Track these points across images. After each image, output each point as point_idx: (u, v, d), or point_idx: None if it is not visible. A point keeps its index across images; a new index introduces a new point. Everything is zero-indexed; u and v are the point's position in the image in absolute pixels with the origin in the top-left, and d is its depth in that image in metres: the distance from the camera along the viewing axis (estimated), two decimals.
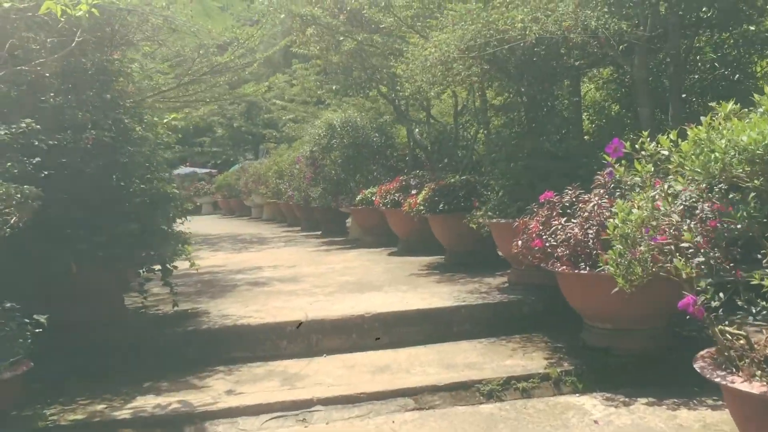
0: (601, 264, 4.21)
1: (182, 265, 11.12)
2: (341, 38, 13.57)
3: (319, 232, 16.43)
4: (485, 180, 8.16)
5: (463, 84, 8.14)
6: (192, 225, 21.47)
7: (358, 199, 12.60)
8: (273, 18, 14.89)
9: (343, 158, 13.83)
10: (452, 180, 9.33)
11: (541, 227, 5.59)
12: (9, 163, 5.28)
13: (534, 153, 6.91)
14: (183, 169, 38.45)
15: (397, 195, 10.91)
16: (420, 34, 9.31)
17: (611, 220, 4.31)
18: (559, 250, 5.35)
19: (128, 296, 7.50)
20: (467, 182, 9.11)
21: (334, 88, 20.07)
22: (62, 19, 5.90)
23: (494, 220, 7.01)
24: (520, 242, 5.68)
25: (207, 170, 38.70)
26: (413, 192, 10.54)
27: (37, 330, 4.72)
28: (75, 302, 5.91)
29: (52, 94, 5.92)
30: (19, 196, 4.14)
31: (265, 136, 33.21)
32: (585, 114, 9.32)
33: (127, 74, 6.67)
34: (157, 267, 6.47)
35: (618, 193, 5.28)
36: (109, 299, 6.24)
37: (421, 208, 9.18)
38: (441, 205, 8.89)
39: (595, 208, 5.21)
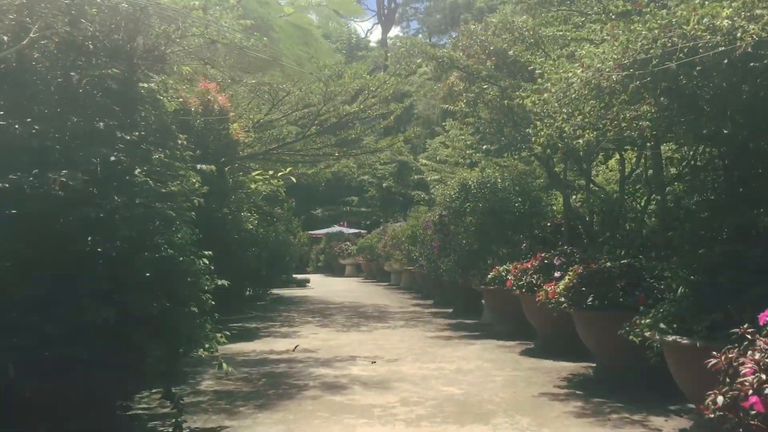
0: None
1: (264, 347, 9.31)
2: (485, 86, 11.47)
3: (450, 310, 14.09)
4: (657, 267, 5.57)
5: (629, 128, 5.66)
6: (323, 288, 20.02)
7: (489, 277, 10.21)
8: (408, 63, 13.10)
9: (477, 225, 11.55)
10: (607, 264, 6.76)
11: (763, 374, 3.01)
12: None
13: (741, 233, 4.29)
14: (334, 228, 37.73)
15: (535, 276, 8.43)
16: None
17: None
18: None
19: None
20: (630, 268, 6.51)
21: (484, 148, 18.03)
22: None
23: (670, 339, 4.40)
24: (720, 398, 3.11)
25: (356, 230, 37.50)
26: (556, 274, 8.03)
27: None
28: (27, 419, 4.10)
29: (29, 120, 4.25)
30: None
31: (413, 198, 31.85)
32: None
33: (153, 100, 4.90)
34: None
35: None
36: (84, 414, 4.33)
37: (562, 300, 6.67)
38: (590, 299, 6.34)
39: None
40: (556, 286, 6.90)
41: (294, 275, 24.51)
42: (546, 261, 8.60)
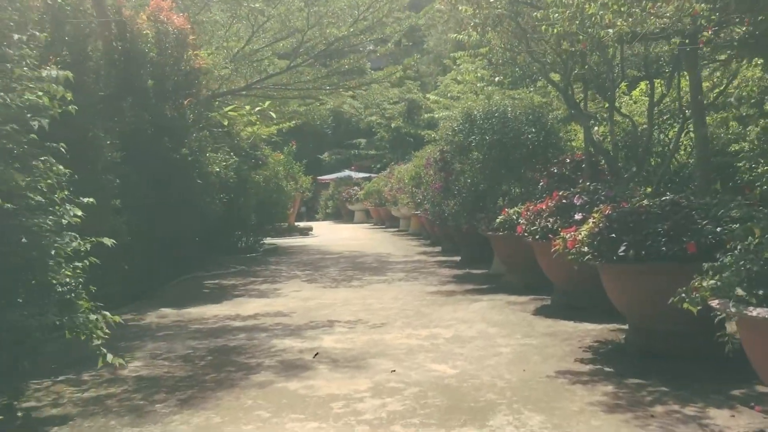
0: None
1: (230, 310, 7.96)
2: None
3: (458, 258, 12.66)
4: (721, 205, 4.02)
5: (677, 15, 4.03)
6: (327, 237, 18.57)
7: (498, 221, 8.70)
8: None
9: (483, 162, 9.99)
10: (643, 201, 5.20)
11: None
12: None
13: None
14: (343, 173, 36.23)
15: (551, 220, 6.91)
16: None
17: None
18: None
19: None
20: (674, 207, 4.96)
21: (497, 80, 16.40)
22: None
23: (754, 313, 2.89)
24: None
25: (365, 175, 35.83)
26: (577, 216, 6.52)
27: None
28: None
29: None
30: None
31: (424, 138, 30.18)
32: None
33: None
34: None
35: None
36: None
37: (585, 249, 5.15)
38: (622, 248, 4.81)
39: None
40: (577, 233, 5.37)
41: (296, 223, 23.21)
42: (565, 201, 7.06)
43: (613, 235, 4.90)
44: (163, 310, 7.74)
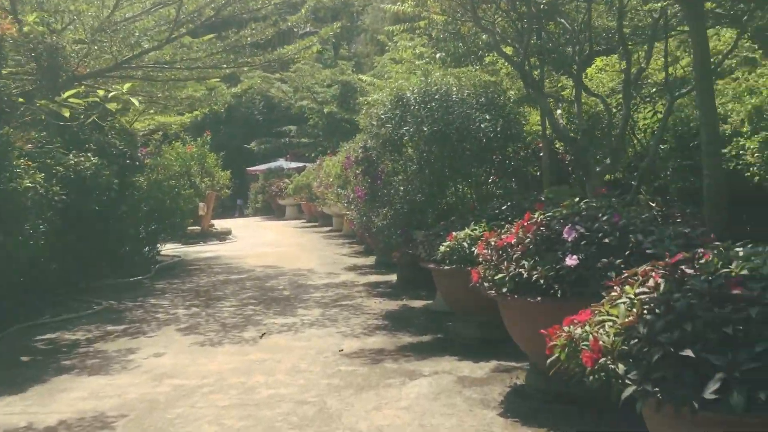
0: None
1: (20, 415, 4.88)
2: None
3: (393, 277, 10.08)
4: None
5: None
6: (247, 241, 15.25)
7: (442, 249, 6.08)
8: None
9: (421, 161, 7.34)
10: (739, 268, 2.59)
11: None
12: None
13: None
14: (275, 162, 33.24)
15: (525, 264, 4.28)
16: None
17: None
18: None
19: None
20: None
21: (438, 57, 13.81)
22: None
23: None
24: None
25: (299, 164, 32.76)
26: (568, 261, 3.94)
27: None
28: None
29: None
30: None
31: (359, 124, 27.42)
32: None
33: None
34: None
35: None
36: None
37: (620, 368, 2.51)
38: (714, 386, 2.19)
39: None
40: (598, 329, 2.74)
41: (214, 224, 20.23)
42: (544, 230, 4.44)
43: (689, 351, 2.28)
44: None
